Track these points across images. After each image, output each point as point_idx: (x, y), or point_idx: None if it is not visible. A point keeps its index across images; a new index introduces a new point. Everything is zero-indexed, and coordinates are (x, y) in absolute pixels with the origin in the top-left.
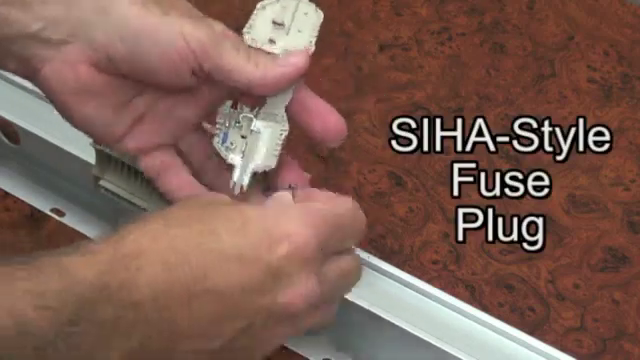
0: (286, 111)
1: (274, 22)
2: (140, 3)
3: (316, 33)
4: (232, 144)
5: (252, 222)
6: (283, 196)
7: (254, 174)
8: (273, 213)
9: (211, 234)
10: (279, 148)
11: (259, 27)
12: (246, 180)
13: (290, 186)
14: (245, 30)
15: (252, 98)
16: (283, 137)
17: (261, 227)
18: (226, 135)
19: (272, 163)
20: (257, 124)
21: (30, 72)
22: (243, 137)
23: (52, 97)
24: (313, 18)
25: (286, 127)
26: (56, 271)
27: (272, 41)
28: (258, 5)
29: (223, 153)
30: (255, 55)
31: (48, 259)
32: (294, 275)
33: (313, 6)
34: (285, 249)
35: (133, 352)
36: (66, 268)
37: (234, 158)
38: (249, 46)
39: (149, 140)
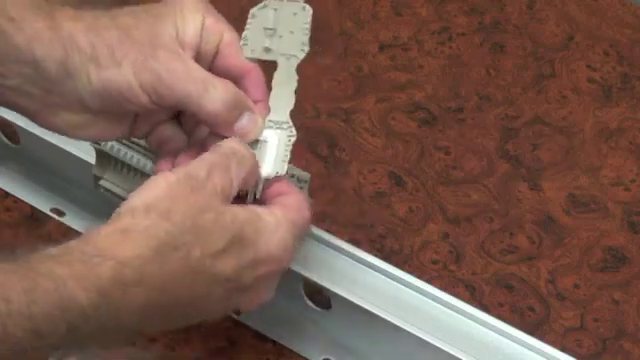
0: (291, 117)
1: (265, 28)
2: (94, 58)
3: (308, 31)
4: None
5: (245, 244)
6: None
7: (265, 181)
8: (267, 232)
9: (203, 258)
10: (288, 154)
11: (253, 37)
12: (259, 188)
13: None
14: (242, 43)
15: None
16: (292, 143)
17: (252, 251)
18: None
19: (282, 169)
20: (264, 133)
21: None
22: (252, 147)
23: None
24: (302, 16)
25: (293, 132)
26: (52, 289)
27: (268, 49)
28: (249, 14)
29: None
30: (210, 88)
31: (45, 270)
32: (262, 289)
33: (300, 3)
34: (265, 270)
35: None
36: (63, 286)
37: None
38: (247, 58)
39: (149, 124)
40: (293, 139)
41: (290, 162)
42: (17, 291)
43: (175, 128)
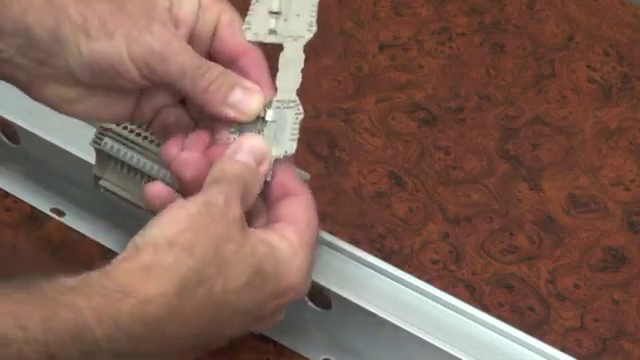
0: (298, 95)
1: (270, 12)
2: (85, 29)
3: (315, 13)
4: None
5: (267, 277)
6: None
7: (275, 161)
8: (286, 263)
9: (227, 292)
10: (297, 132)
11: (257, 21)
12: (270, 172)
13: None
14: (245, 27)
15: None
16: (299, 120)
17: (274, 284)
18: (242, 131)
19: (292, 148)
20: (271, 114)
21: (19, 89)
22: (260, 129)
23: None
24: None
25: (301, 110)
26: (70, 319)
27: (273, 31)
28: (252, 0)
29: None
30: (205, 73)
31: (66, 300)
32: (277, 314)
33: None
34: (285, 301)
35: None
36: (81, 317)
37: None
38: (249, 41)
39: (153, 108)
40: (301, 117)
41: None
42: (34, 320)
43: (179, 112)
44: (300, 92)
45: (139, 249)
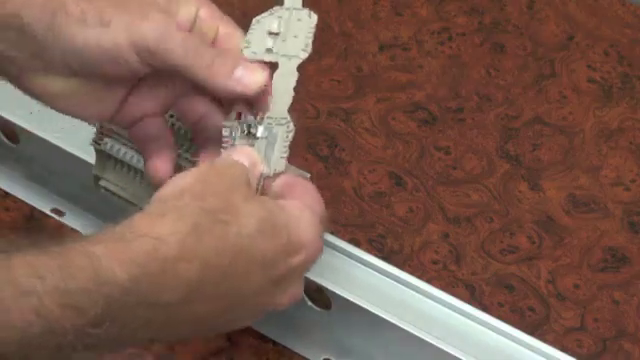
0: (289, 112)
1: (270, 32)
2: (82, 20)
3: (311, 35)
4: None
5: (278, 227)
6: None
7: (265, 179)
8: (294, 219)
9: (241, 236)
10: (287, 150)
11: (256, 40)
12: (260, 185)
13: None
14: (244, 46)
15: (255, 106)
16: (290, 138)
17: (285, 235)
18: (234, 147)
19: (281, 167)
20: (262, 130)
21: (9, 81)
22: (251, 145)
23: (35, 100)
24: (307, 22)
25: (291, 128)
26: (87, 265)
27: (270, 50)
28: (253, 20)
29: None
30: (212, 52)
31: (79, 248)
32: (294, 283)
33: (306, 11)
34: (298, 260)
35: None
36: (98, 262)
37: None
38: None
39: (137, 112)
40: (291, 134)
41: (289, 157)
42: (51, 268)
43: (163, 127)
44: (300, 92)
45: (151, 204)
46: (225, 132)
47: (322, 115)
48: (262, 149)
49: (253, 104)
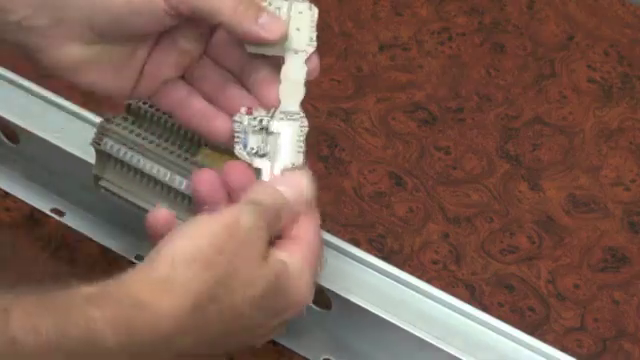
0: (301, 107)
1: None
2: None
3: (314, 29)
4: (253, 149)
5: (280, 293)
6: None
7: (283, 172)
8: (295, 282)
9: (244, 302)
10: (302, 144)
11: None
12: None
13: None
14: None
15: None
16: (304, 133)
17: (283, 301)
18: (246, 141)
19: (299, 160)
20: (276, 125)
21: (26, 58)
22: (264, 140)
23: (53, 76)
24: (308, 15)
25: (305, 123)
26: (83, 327)
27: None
28: None
29: (248, 159)
30: (231, 1)
31: (78, 309)
32: (278, 328)
33: (307, 3)
34: (289, 315)
35: None
36: (94, 325)
37: (260, 162)
38: (250, 53)
39: (156, 77)
40: (305, 129)
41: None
42: (47, 325)
43: (187, 87)
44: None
45: (158, 260)
46: (237, 127)
47: (322, 115)
48: (278, 143)
49: (261, 101)
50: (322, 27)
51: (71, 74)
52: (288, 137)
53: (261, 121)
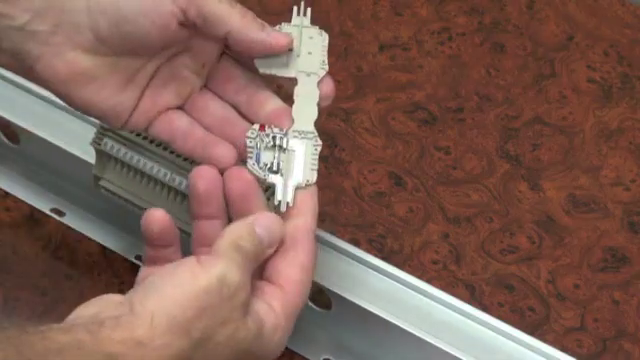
0: (315, 127)
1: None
2: None
3: (325, 53)
4: (267, 164)
5: (249, 355)
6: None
7: (296, 190)
8: (268, 340)
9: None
10: (316, 162)
11: (272, 56)
12: (290, 196)
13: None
14: (256, 61)
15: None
16: (318, 152)
17: (250, 357)
18: (259, 156)
19: (313, 177)
20: (290, 142)
21: (22, 69)
22: (277, 157)
23: (49, 89)
24: (319, 40)
25: (319, 142)
26: None
27: (285, 65)
28: None
29: (261, 174)
30: (242, 8)
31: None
32: None
33: (317, 29)
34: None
35: None
36: None
37: (274, 177)
38: (263, 74)
39: (155, 105)
40: (319, 148)
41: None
42: None
43: (186, 118)
44: None
45: (138, 315)
46: (249, 142)
47: (322, 115)
48: (292, 160)
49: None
50: (322, 27)
51: (67, 87)
52: (302, 155)
53: (274, 138)
